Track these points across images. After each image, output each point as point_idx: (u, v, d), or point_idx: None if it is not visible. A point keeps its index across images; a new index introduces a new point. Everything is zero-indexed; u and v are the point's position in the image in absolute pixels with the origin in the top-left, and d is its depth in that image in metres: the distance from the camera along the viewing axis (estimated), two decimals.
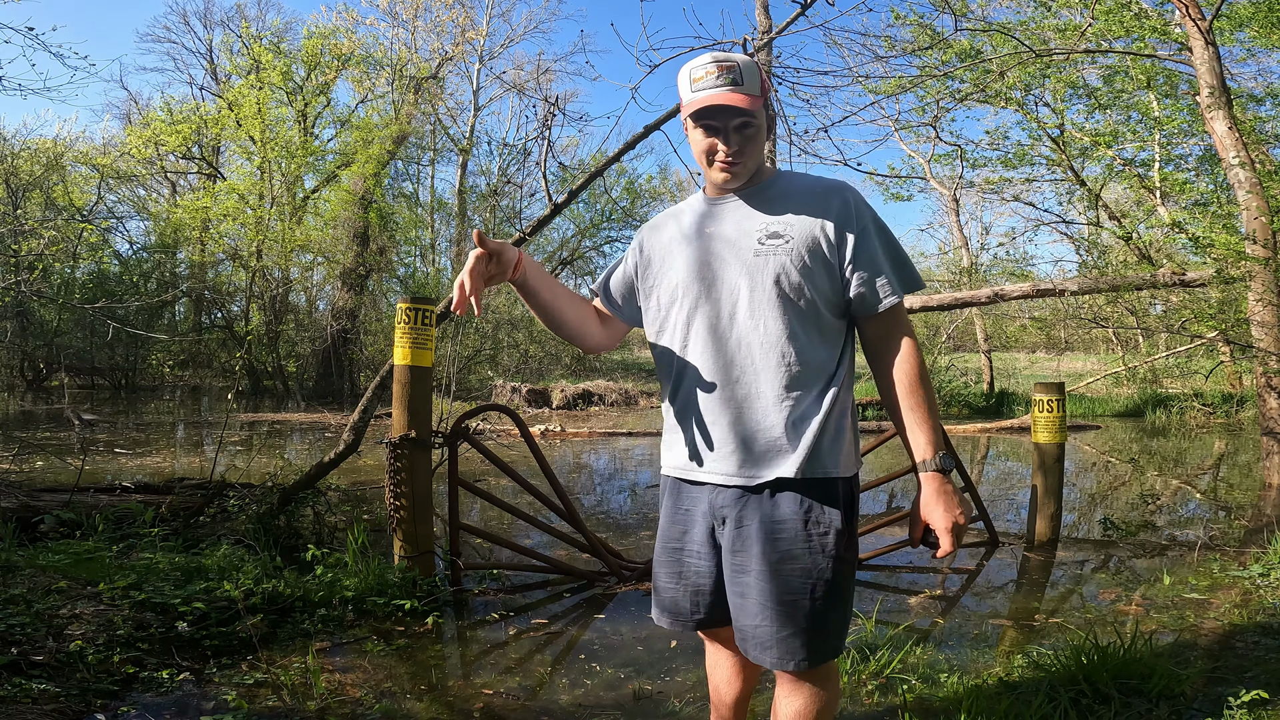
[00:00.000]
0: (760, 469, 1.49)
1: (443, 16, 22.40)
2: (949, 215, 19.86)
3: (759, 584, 1.47)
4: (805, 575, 1.46)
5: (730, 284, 1.52)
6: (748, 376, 1.50)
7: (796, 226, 1.50)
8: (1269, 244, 6.37)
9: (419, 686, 2.58)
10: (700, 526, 1.57)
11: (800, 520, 1.47)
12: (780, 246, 1.49)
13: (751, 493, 1.50)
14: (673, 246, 1.62)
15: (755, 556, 1.47)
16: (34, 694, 2.23)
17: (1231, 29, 9.77)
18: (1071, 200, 14.97)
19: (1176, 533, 4.96)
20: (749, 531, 1.49)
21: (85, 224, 15.39)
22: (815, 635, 1.47)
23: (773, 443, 1.48)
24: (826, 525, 1.48)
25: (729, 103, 1.45)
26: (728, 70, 1.47)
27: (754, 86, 1.49)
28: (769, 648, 1.47)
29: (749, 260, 1.50)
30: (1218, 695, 2.47)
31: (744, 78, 1.48)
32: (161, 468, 6.86)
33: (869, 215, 1.52)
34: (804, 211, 1.51)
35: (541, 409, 14.05)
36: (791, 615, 1.46)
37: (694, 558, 1.59)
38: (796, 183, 1.58)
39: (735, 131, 1.50)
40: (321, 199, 19.60)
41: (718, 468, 1.52)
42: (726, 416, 1.51)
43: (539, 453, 3.78)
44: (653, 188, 25.79)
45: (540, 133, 4.90)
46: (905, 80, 9.68)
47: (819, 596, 1.47)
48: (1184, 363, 13.64)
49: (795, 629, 1.46)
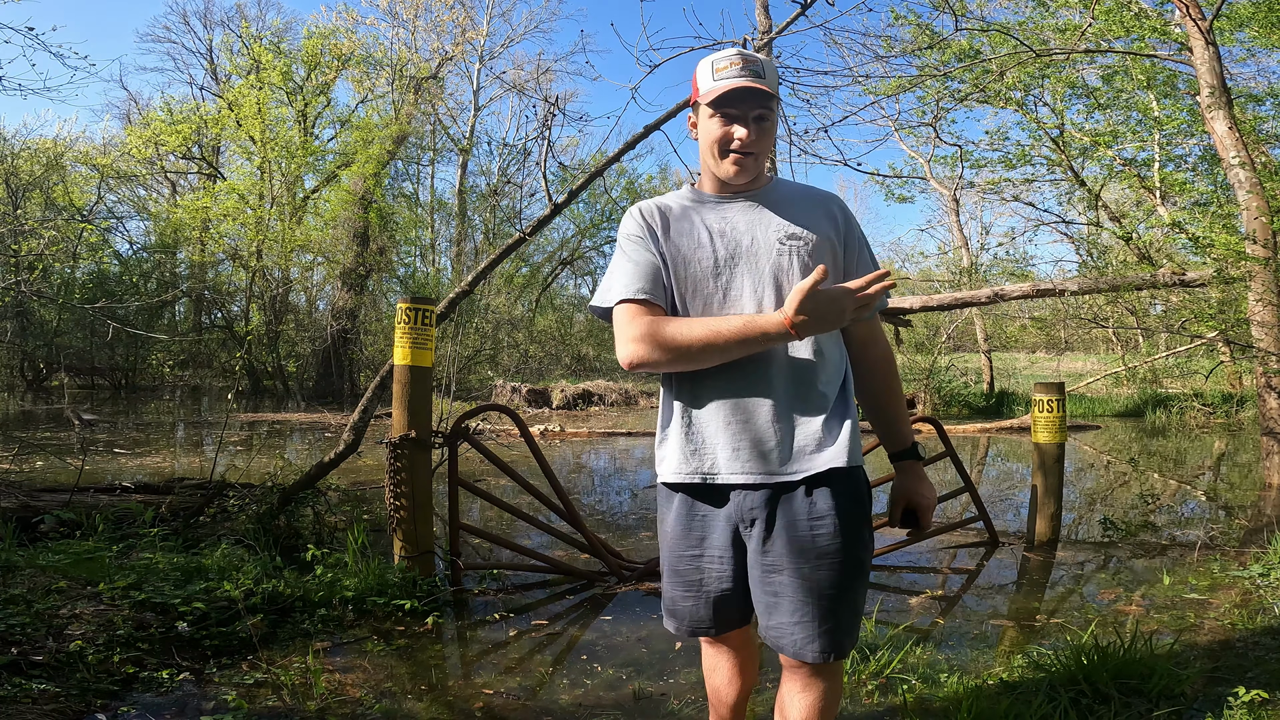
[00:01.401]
0: (798, 465, 1.49)
1: (443, 16, 22.42)
2: (949, 215, 19.86)
3: (795, 580, 1.47)
4: (842, 568, 1.49)
5: (755, 282, 1.52)
6: (781, 375, 1.50)
7: (811, 229, 1.55)
8: (1269, 244, 6.37)
9: (419, 686, 2.58)
10: (722, 530, 1.53)
11: (839, 513, 1.49)
12: (800, 246, 1.53)
13: (784, 491, 1.49)
14: (684, 243, 1.55)
15: (791, 554, 1.47)
16: (34, 694, 2.23)
17: (1231, 29, 9.77)
18: (1071, 200, 14.98)
19: (1176, 533, 4.96)
20: (781, 530, 1.48)
21: (85, 224, 15.40)
22: (852, 622, 1.53)
23: (810, 438, 1.50)
24: (860, 516, 1.53)
25: (755, 85, 1.48)
26: (751, 63, 1.51)
27: (773, 84, 1.54)
28: (812, 640, 1.49)
29: (774, 259, 1.53)
30: (1218, 695, 2.47)
31: (765, 72, 1.53)
32: (161, 468, 6.86)
33: (858, 225, 1.64)
34: (813, 216, 1.58)
35: (541, 409, 14.05)
36: (833, 608, 1.49)
37: (715, 563, 1.55)
38: (796, 189, 1.64)
39: (754, 122, 1.52)
40: (321, 199, 19.61)
41: (750, 468, 1.49)
42: (761, 415, 1.49)
43: (539, 453, 3.78)
44: (653, 188, 25.81)
45: (540, 133, 4.90)
46: (905, 80, 9.68)
47: (855, 585, 1.51)
48: (1184, 363, 13.64)
49: (836, 621, 1.49)
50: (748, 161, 1.52)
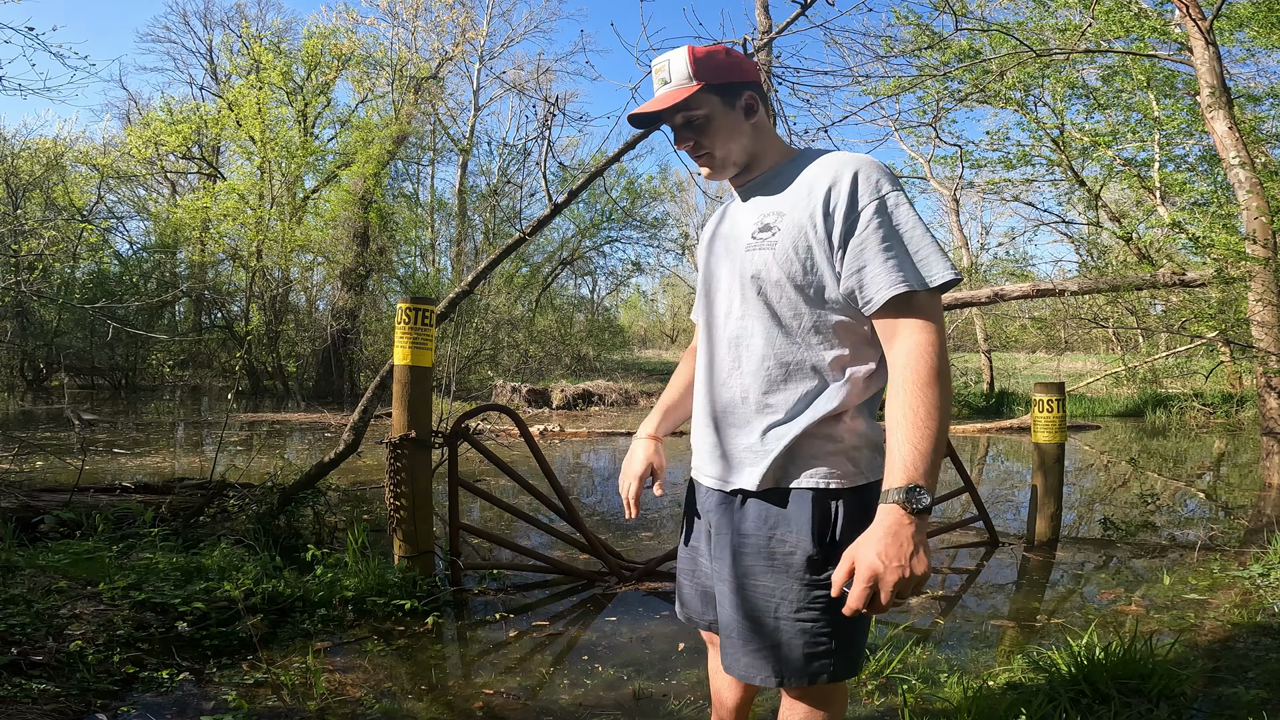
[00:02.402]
0: (731, 475, 1.44)
1: (443, 16, 22.40)
2: (949, 215, 19.85)
3: (729, 595, 1.42)
4: (768, 595, 1.36)
5: (726, 285, 1.48)
6: (734, 379, 1.44)
7: (787, 217, 1.37)
8: (1269, 244, 6.37)
9: (419, 686, 2.58)
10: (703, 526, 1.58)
11: (764, 536, 1.37)
12: (767, 240, 1.38)
13: (729, 499, 1.45)
14: (702, 250, 1.61)
15: (727, 565, 1.43)
16: (34, 694, 2.23)
17: (1231, 29, 9.77)
18: (1071, 200, 14.98)
19: (1176, 533, 4.96)
20: (723, 540, 1.45)
21: (85, 224, 15.40)
22: (783, 655, 1.36)
23: (745, 449, 1.41)
24: (793, 545, 1.34)
25: (649, 109, 1.42)
26: (660, 71, 1.43)
27: (684, 77, 1.40)
28: (736, 659, 1.41)
29: (740, 257, 1.42)
30: (1218, 695, 2.47)
31: (672, 74, 1.41)
32: (161, 468, 6.86)
33: (872, 195, 1.31)
34: (799, 197, 1.37)
35: (541, 409, 14.05)
36: (756, 632, 1.37)
37: (704, 557, 1.58)
38: (806, 164, 1.41)
39: (682, 129, 1.45)
40: (321, 199, 19.60)
41: (707, 470, 1.51)
42: (714, 419, 1.50)
43: (539, 453, 3.78)
44: (653, 188, 25.83)
45: (540, 133, 4.90)
46: (905, 80, 9.68)
47: (783, 618, 1.35)
48: (1184, 363, 13.64)
49: (760, 645, 1.37)
50: (707, 160, 1.47)
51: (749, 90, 1.45)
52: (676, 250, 28.53)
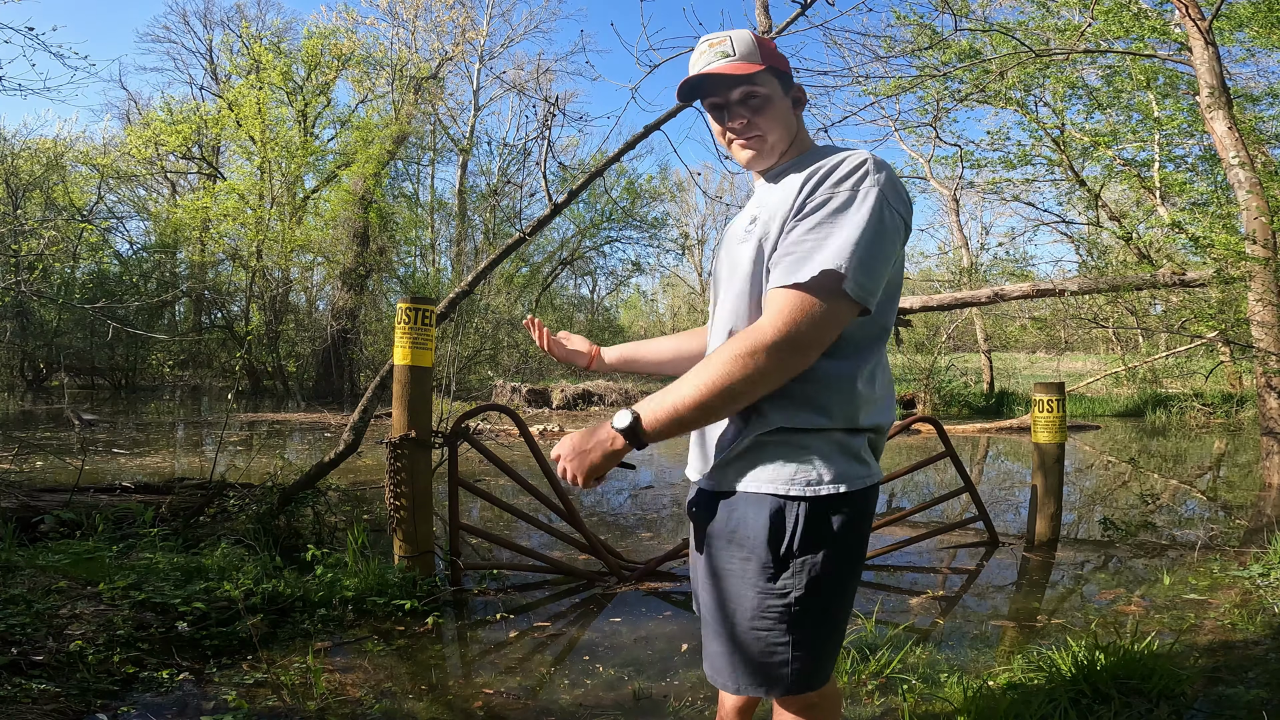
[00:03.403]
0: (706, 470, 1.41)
1: (443, 16, 22.43)
2: (949, 215, 19.88)
3: (699, 594, 1.42)
4: (728, 599, 1.32)
5: (721, 278, 1.46)
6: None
7: (768, 209, 1.33)
8: (1269, 244, 6.37)
9: (419, 686, 2.58)
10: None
11: (724, 537, 1.33)
12: (751, 233, 1.34)
13: (705, 496, 1.41)
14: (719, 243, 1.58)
15: (700, 565, 1.41)
16: (34, 694, 2.23)
17: (1231, 29, 9.77)
18: (1071, 200, 14.97)
19: (1176, 533, 4.96)
20: (698, 538, 1.43)
21: (85, 224, 15.41)
22: (739, 661, 1.31)
23: (710, 446, 1.37)
24: (748, 551, 1.29)
25: (719, 71, 1.35)
26: (718, 44, 1.38)
27: (752, 56, 1.37)
28: (705, 658, 1.39)
29: (733, 250, 1.40)
30: (1218, 695, 2.47)
31: (736, 48, 1.37)
32: (161, 468, 6.86)
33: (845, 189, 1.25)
34: (789, 192, 1.31)
35: (541, 409, 14.05)
36: (717, 635, 1.34)
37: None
38: (812, 160, 1.36)
39: (739, 104, 1.39)
40: (321, 199, 19.63)
41: (691, 463, 1.49)
42: None
43: (539, 453, 3.78)
44: (653, 188, 25.83)
45: (540, 133, 4.89)
46: (905, 81, 9.68)
47: (739, 624, 1.30)
48: (1184, 363, 13.65)
49: (720, 649, 1.34)
50: (754, 143, 1.40)
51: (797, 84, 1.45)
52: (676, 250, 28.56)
